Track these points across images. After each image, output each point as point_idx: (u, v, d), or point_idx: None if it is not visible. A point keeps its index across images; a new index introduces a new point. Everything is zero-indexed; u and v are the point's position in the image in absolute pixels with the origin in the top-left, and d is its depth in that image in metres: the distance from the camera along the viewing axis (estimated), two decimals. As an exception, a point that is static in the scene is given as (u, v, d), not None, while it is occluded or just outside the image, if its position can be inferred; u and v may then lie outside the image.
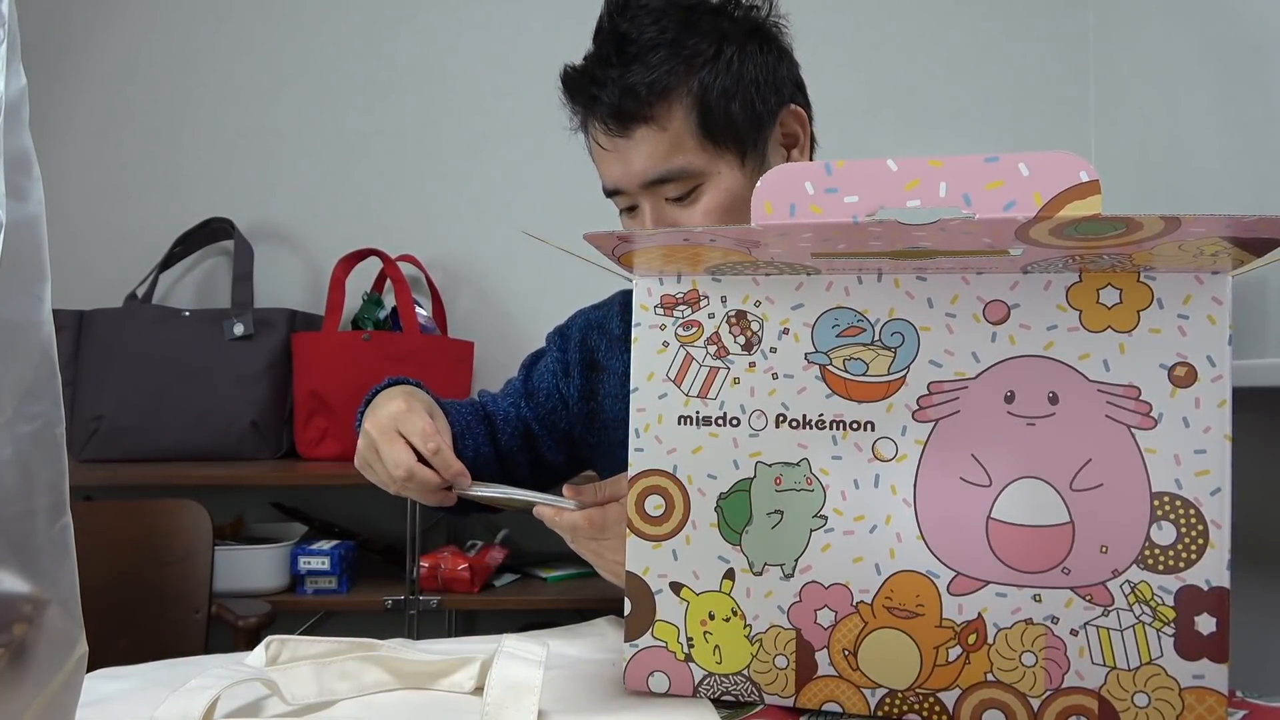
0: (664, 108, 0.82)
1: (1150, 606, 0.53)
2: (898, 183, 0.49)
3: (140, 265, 1.89)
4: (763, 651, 0.59)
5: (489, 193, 2.01)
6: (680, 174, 0.83)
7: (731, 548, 0.59)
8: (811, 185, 0.50)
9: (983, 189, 0.49)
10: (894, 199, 0.49)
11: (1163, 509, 0.53)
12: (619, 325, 0.99)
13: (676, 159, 0.82)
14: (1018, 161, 0.48)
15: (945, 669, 0.56)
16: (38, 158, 0.37)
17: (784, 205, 0.51)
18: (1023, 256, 0.53)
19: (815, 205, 0.50)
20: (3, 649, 0.36)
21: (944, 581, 0.56)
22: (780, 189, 0.51)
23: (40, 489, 0.37)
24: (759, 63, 0.86)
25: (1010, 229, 0.48)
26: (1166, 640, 0.53)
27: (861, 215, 0.49)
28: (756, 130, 0.85)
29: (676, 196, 0.84)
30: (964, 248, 0.52)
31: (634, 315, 0.61)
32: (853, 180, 0.50)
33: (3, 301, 0.35)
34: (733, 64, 0.84)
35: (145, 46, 2.01)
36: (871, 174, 0.49)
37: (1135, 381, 0.54)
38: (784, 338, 0.58)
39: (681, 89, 0.82)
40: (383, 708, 0.60)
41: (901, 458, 0.56)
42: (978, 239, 0.50)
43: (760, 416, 0.59)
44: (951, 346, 0.56)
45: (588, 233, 0.53)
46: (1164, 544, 0.53)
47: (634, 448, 0.61)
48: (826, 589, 0.58)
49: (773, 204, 0.51)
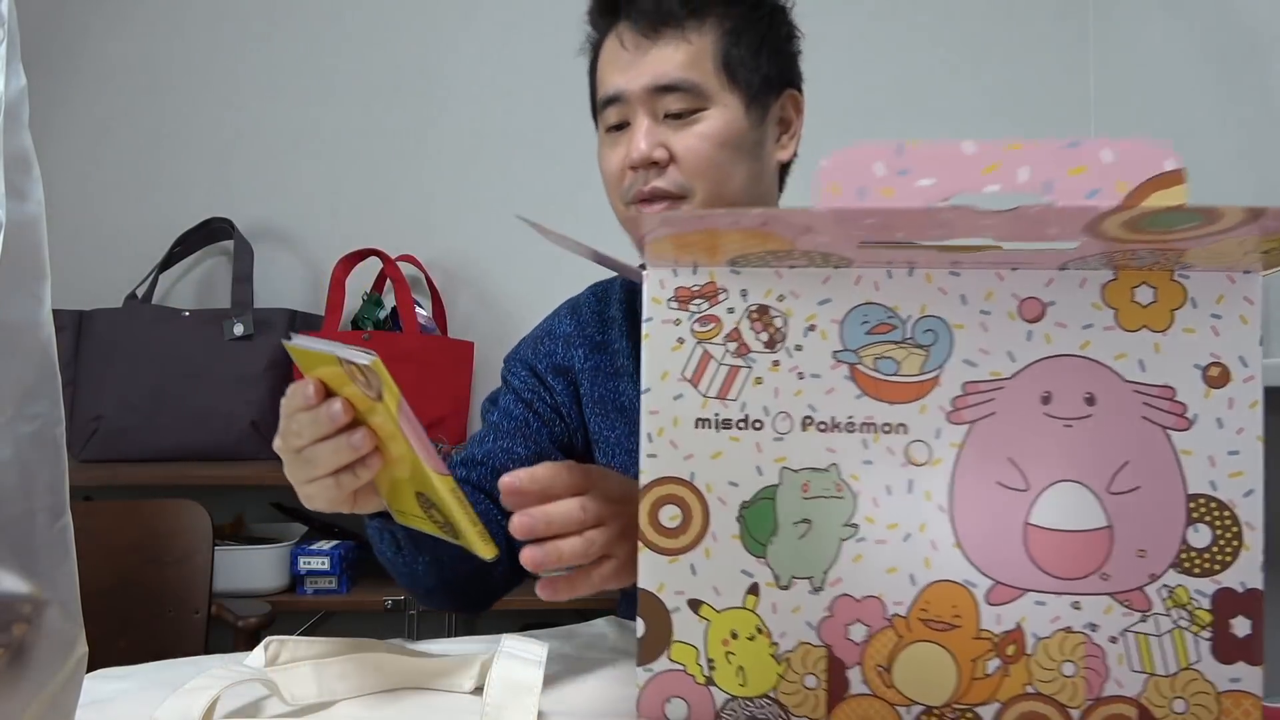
0: (696, 24, 0.84)
1: (1187, 610, 0.52)
2: (975, 166, 0.45)
3: (140, 265, 1.88)
4: (790, 671, 0.55)
5: (489, 193, 2.00)
6: (691, 87, 0.83)
7: (756, 560, 0.54)
8: (883, 166, 0.45)
9: (1064, 175, 0.45)
10: (971, 183, 0.45)
11: (1198, 511, 0.52)
12: (569, 324, 0.96)
13: (692, 72, 0.83)
14: (1100, 147, 0.45)
15: (983, 683, 0.53)
16: (38, 158, 0.37)
17: (852, 188, 0.46)
18: (1069, 252, 0.50)
19: (886, 188, 0.45)
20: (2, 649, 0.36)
21: (981, 591, 0.53)
22: (848, 170, 0.46)
23: (40, 489, 0.37)
24: (784, 33, 0.90)
25: (1084, 220, 0.45)
26: (1204, 644, 0.52)
27: (937, 200, 0.45)
28: (766, 90, 0.87)
29: (677, 113, 0.83)
30: (1028, 240, 0.48)
31: (645, 309, 0.56)
32: (927, 162, 0.45)
33: (3, 301, 0.35)
34: (765, 19, 0.87)
35: (145, 46, 2.00)
36: (947, 157, 0.45)
37: (1170, 382, 0.52)
38: (810, 334, 0.54)
39: (718, 16, 0.85)
40: (383, 708, 0.60)
41: (936, 461, 0.53)
42: (1042, 229, 0.46)
43: (785, 419, 0.54)
44: (986, 345, 0.53)
45: (625, 214, 0.50)
46: (1200, 546, 0.52)
47: (646, 453, 0.55)
48: (858, 602, 0.54)
49: (840, 186, 0.46)
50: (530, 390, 0.94)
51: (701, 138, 0.83)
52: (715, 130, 0.83)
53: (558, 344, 0.95)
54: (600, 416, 0.93)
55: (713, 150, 0.83)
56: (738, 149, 0.84)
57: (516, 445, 0.90)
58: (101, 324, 1.75)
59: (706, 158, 0.83)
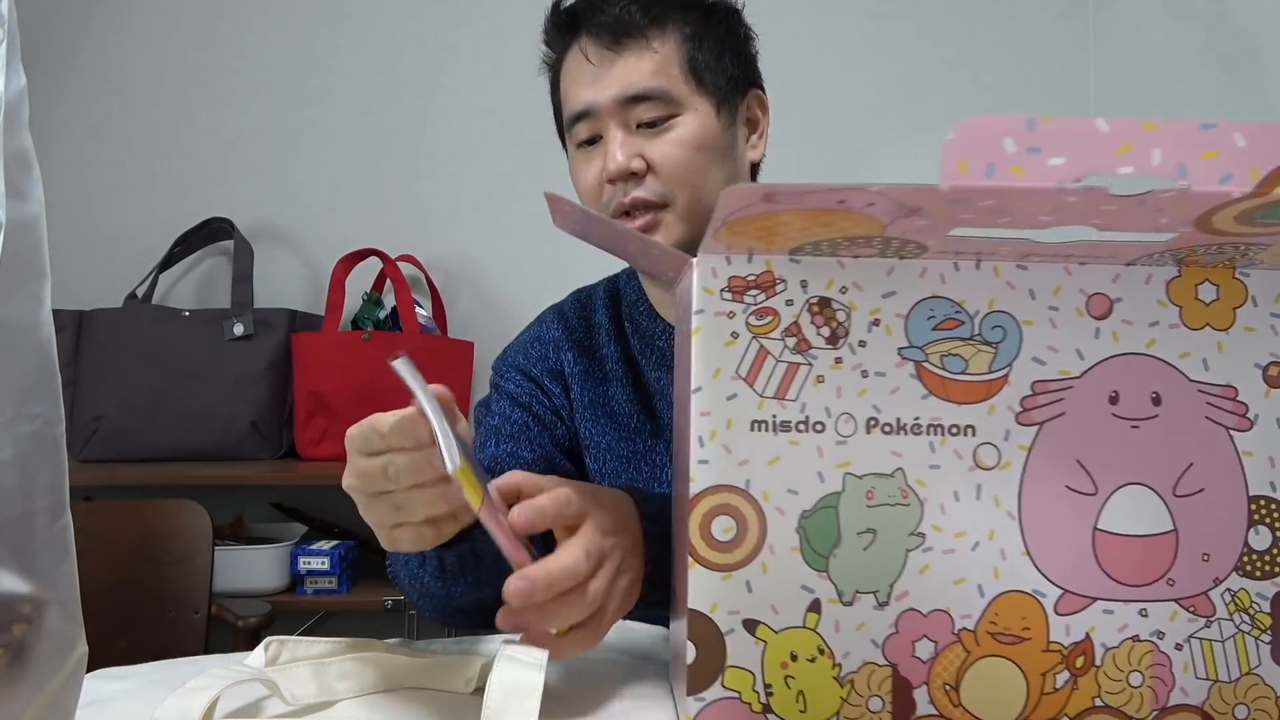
0: (658, 32, 0.84)
1: (1249, 614, 0.51)
2: (1109, 146, 0.42)
3: (140, 265, 1.87)
4: (854, 694, 0.51)
5: (489, 193, 1.99)
6: (662, 94, 0.83)
7: (817, 575, 0.50)
8: (1013, 143, 0.42)
9: (1198, 159, 0.42)
10: (1105, 164, 0.42)
11: (1259, 513, 0.51)
12: (558, 329, 0.94)
13: (661, 80, 0.83)
14: (1234, 130, 0.42)
15: (1052, 697, 0.51)
16: (38, 158, 0.37)
17: (981, 164, 0.42)
18: (1140, 245, 0.48)
19: (1016, 166, 0.42)
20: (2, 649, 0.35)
21: (1050, 601, 0.51)
22: (976, 144, 0.42)
23: (40, 489, 0.37)
24: (740, 35, 0.90)
25: (1200, 208, 0.43)
26: (1264, 648, 0.51)
27: (1069, 180, 0.42)
28: (733, 91, 0.87)
29: (650, 121, 0.83)
30: (1135, 230, 0.46)
31: (695, 300, 0.51)
32: (1059, 140, 0.42)
33: (3, 301, 0.35)
34: (722, 22, 0.88)
35: (145, 46, 1.98)
36: (1080, 134, 0.42)
37: (1232, 381, 0.52)
38: (874, 330, 0.51)
39: (678, 22, 0.85)
40: (383, 708, 0.60)
41: (1005, 465, 0.51)
42: (1156, 219, 0.44)
43: (849, 421, 0.50)
44: (1055, 342, 0.51)
45: (728, 188, 0.43)
46: (1260, 549, 0.51)
47: (697, 459, 0.50)
48: (925, 617, 0.51)
49: (968, 162, 0.42)
50: (528, 394, 0.92)
51: (677, 144, 0.83)
52: (690, 135, 0.83)
53: (548, 348, 0.94)
54: (590, 421, 0.91)
55: (690, 155, 0.83)
56: (713, 152, 0.84)
57: (521, 449, 0.88)
58: (101, 324, 1.74)
59: (684, 163, 0.83)
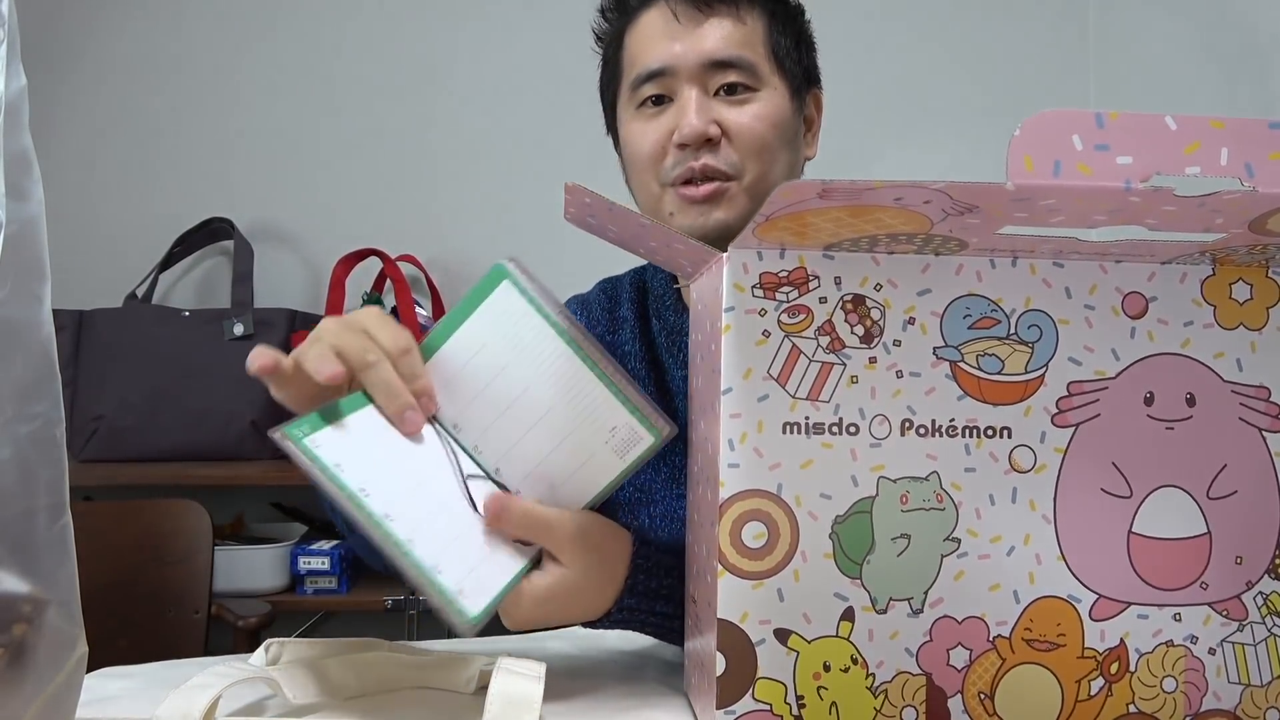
0: (748, 6, 0.82)
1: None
2: (1177, 144, 0.40)
3: (140, 265, 1.85)
4: (888, 704, 0.49)
5: (489, 193, 1.98)
6: (749, 65, 0.81)
7: (850, 582, 0.49)
8: (1080, 140, 0.40)
9: (1265, 159, 0.41)
10: (1172, 164, 0.41)
11: None
12: (581, 320, 0.94)
13: (748, 51, 0.81)
14: None
15: (1087, 704, 0.50)
16: (38, 158, 0.37)
17: (1047, 161, 0.40)
18: (1176, 245, 0.47)
19: (1083, 164, 0.40)
20: (3, 649, 0.35)
21: (1085, 606, 0.50)
22: (1044, 140, 0.40)
23: (40, 489, 0.36)
24: (809, 32, 0.89)
25: (1258, 210, 0.41)
26: None
27: (1136, 180, 0.40)
28: (803, 82, 0.86)
29: (730, 89, 0.81)
30: (1189, 231, 0.44)
31: (725, 298, 0.49)
32: (1127, 137, 0.40)
33: (3, 301, 0.34)
34: (797, 16, 0.87)
35: (145, 46, 1.97)
36: (1148, 131, 0.40)
37: (1265, 382, 0.51)
38: (909, 328, 0.49)
39: (765, 1, 0.84)
40: (383, 708, 0.60)
41: (1040, 468, 0.49)
42: (1210, 219, 0.43)
43: (883, 423, 0.49)
44: (1091, 342, 0.50)
45: (785, 184, 0.41)
46: None
47: (727, 463, 0.49)
48: (960, 624, 0.49)
49: (1034, 159, 0.40)
50: None
51: (756, 118, 0.80)
52: (769, 112, 0.81)
53: None
54: None
55: (766, 131, 0.80)
56: (784, 136, 0.82)
57: None
58: (101, 324, 1.73)
59: (761, 138, 0.80)
